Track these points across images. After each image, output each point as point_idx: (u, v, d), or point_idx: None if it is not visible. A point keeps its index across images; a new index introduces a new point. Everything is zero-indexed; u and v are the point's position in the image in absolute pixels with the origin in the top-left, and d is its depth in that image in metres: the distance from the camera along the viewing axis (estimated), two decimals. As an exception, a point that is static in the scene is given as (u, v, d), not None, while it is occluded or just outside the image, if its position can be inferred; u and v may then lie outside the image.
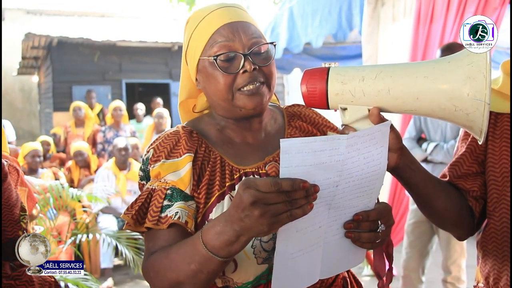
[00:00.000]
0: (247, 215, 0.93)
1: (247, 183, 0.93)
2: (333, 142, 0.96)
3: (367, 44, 4.75)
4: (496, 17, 3.52)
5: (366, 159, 1.04)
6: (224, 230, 0.98)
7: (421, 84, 1.07)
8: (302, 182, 0.92)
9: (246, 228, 0.95)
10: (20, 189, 2.17)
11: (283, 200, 0.92)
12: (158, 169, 1.19)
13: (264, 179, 0.92)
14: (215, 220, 1.03)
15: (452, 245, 3.48)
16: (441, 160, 3.38)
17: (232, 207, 0.96)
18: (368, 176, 1.06)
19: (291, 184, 0.91)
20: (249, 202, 0.92)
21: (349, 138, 0.98)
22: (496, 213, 1.34)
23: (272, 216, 0.92)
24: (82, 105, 7.87)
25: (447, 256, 3.51)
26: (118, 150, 5.53)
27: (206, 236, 1.02)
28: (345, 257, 1.17)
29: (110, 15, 14.75)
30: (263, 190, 0.91)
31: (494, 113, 1.35)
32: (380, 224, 1.13)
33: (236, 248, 1.00)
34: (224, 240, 0.99)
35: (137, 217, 1.18)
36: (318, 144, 0.95)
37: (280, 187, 0.91)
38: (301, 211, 0.94)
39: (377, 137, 1.06)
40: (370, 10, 4.66)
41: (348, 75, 1.12)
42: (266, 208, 0.92)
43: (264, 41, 1.23)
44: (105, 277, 5.02)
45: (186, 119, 1.38)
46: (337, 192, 1.02)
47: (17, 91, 15.51)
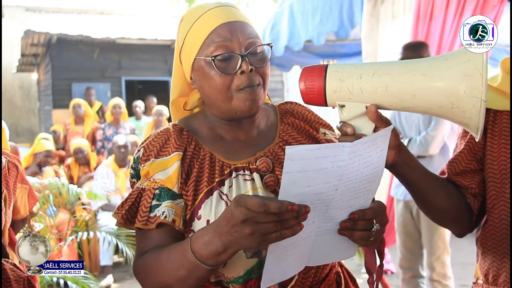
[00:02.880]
0: (237, 230, 0.96)
1: (238, 201, 0.95)
2: (337, 149, 0.97)
3: (366, 41, 4.74)
4: (495, 15, 3.51)
5: (366, 163, 1.04)
6: (213, 241, 1.01)
7: (418, 82, 1.08)
8: (290, 204, 0.93)
9: (234, 242, 0.98)
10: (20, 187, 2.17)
11: (272, 220, 0.94)
12: (147, 168, 1.21)
13: (253, 198, 0.94)
14: (204, 230, 1.05)
15: (434, 241, 3.48)
16: (416, 153, 3.37)
17: (222, 220, 0.99)
18: (367, 178, 1.07)
19: (278, 206, 0.93)
20: (239, 219, 0.94)
21: (353, 145, 0.99)
22: (495, 210, 1.34)
23: (261, 235, 0.95)
24: (82, 102, 7.86)
25: (430, 252, 3.50)
26: (118, 147, 5.53)
27: (195, 245, 1.05)
28: (336, 250, 1.17)
29: (109, 12, 14.73)
30: (253, 209, 0.93)
31: (493, 111, 1.35)
32: (375, 223, 1.13)
33: (223, 258, 1.03)
34: (212, 251, 1.02)
35: (127, 216, 1.19)
36: (322, 151, 0.96)
37: (268, 208, 0.92)
38: (290, 232, 0.96)
39: (379, 142, 1.06)
40: (369, 8, 4.65)
41: (346, 72, 1.13)
42: (256, 226, 0.94)
43: (260, 41, 1.23)
44: (104, 274, 5.02)
45: (177, 116, 1.38)
46: (336, 195, 1.03)
47: (17, 89, 15.50)
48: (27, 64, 13.35)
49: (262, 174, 1.23)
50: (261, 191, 1.20)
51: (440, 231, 3.47)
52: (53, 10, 14.61)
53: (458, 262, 4.98)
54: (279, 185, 1.21)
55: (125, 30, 10.99)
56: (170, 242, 1.15)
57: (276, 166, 1.24)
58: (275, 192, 1.21)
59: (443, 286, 3.49)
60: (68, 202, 4.31)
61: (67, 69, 10.34)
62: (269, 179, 1.22)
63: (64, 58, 10.34)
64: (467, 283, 3.55)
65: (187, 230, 1.18)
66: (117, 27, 11.67)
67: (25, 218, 2.35)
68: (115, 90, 10.61)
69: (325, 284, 1.27)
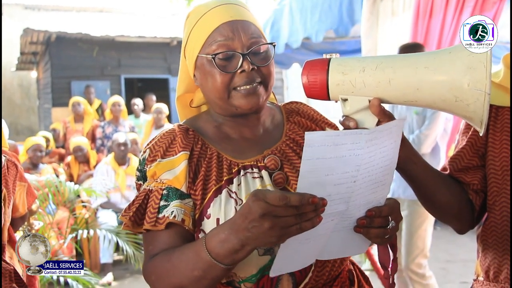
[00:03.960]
0: (255, 226, 0.93)
1: (256, 195, 0.93)
2: (355, 136, 0.97)
3: (366, 38, 4.73)
4: (495, 12, 3.51)
5: (382, 153, 1.04)
6: (229, 238, 0.99)
7: (422, 75, 1.07)
8: (311, 197, 0.92)
9: (253, 238, 0.96)
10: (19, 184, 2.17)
11: (292, 213, 0.92)
12: (154, 169, 1.20)
13: (273, 192, 0.93)
14: (219, 228, 1.03)
15: (414, 241, 3.49)
16: None
17: (239, 217, 0.97)
18: (382, 170, 1.07)
19: (299, 199, 0.91)
20: (258, 214, 0.92)
21: (370, 133, 0.98)
22: (496, 207, 1.34)
23: (281, 229, 0.93)
24: (81, 100, 7.86)
25: (408, 252, 3.51)
26: (117, 145, 5.53)
27: (210, 243, 1.02)
28: (349, 245, 1.17)
29: (108, 10, 14.73)
30: (272, 203, 0.91)
31: (495, 107, 1.35)
32: (391, 220, 1.12)
33: (240, 256, 1.01)
34: (228, 248, 1.00)
35: (135, 218, 1.18)
36: (340, 137, 0.95)
37: (289, 201, 0.91)
38: (310, 224, 0.94)
39: (394, 131, 1.06)
40: (369, 5, 4.64)
41: (349, 65, 1.12)
42: (275, 220, 0.92)
43: (264, 41, 1.22)
44: (105, 272, 5.03)
45: (183, 113, 1.38)
46: (355, 189, 1.02)
47: (16, 87, 15.49)
48: (27, 62, 13.34)
49: (270, 171, 1.22)
50: (271, 188, 1.19)
51: (420, 232, 3.49)
52: (52, 8, 14.60)
53: (458, 259, 5.00)
54: (288, 183, 1.21)
55: (124, 28, 11.00)
56: (180, 243, 1.13)
57: (284, 163, 1.24)
58: (285, 190, 1.20)
59: (423, 286, 3.50)
60: (67, 200, 4.31)
61: (66, 67, 10.33)
62: (278, 176, 1.21)
63: (64, 56, 10.33)
64: (468, 280, 3.55)
65: (197, 230, 1.17)
66: (117, 25, 11.68)
67: (24, 216, 2.35)
68: (114, 88, 10.61)
69: (338, 281, 1.26)
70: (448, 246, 5.08)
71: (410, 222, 3.49)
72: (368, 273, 4.56)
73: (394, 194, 3.50)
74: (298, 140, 1.30)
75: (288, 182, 1.21)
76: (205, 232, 1.14)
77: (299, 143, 1.29)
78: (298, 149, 1.28)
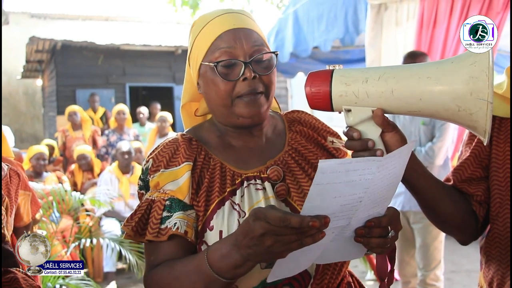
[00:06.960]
0: (256, 244, 0.93)
1: (256, 214, 0.93)
2: (367, 163, 0.96)
3: (370, 48, 4.75)
4: (498, 21, 3.52)
5: (390, 174, 1.04)
6: (231, 254, 0.99)
7: (424, 85, 1.07)
8: (312, 221, 0.90)
9: (254, 255, 0.96)
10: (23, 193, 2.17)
11: (292, 232, 0.92)
12: (157, 179, 1.19)
13: (273, 212, 0.92)
14: (221, 243, 1.03)
15: (430, 253, 3.48)
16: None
17: (240, 233, 0.97)
18: (387, 187, 1.06)
19: (299, 221, 0.90)
20: (259, 233, 0.92)
21: (383, 159, 0.98)
22: (499, 218, 1.33)
23: (282, 245, 0.93)
24: (77, 108, 7.72)
25: (426, 265, 3.50)
26: (121, 153, 5.53)
27: (212, 257, 1.02)
28: (346, 251, 1.16)
29: (114, 19, 14.83)
30: (273, 223, 0.91)
31: (498, 118, 1.34)
32: (390, 230, 1.12)
33: (242, 271, 1.01)
34: (230, 263, 1.00)
35: (137, 228, 1.17)
36: (353, 165, 0.95)
37: (289, 223, 0.90)
38: (312, 239, 0.93)
39: (404, 154, 1.05)
40: (373, 15, 4.66)
41: (352, 76, 1.12)
42: (276, 238, 0.92)
43: (267, 49, 1.23)
44: (108, 281, 5.01)
45: (188, 122, 1.38)
46: (359, 207, 1.02)
47: (21, 95, 15.58)
48: (32, 71, 13.42)
49: (273, 183, 1.22)
50: (273, 200, 1.18)
51: (436, 244, 3.48)
52: (58, 16, 14.71)
53: (463, 269, 4.97)
54: (289, 194, 1.21)
55: (129, 37, 11.06)
56: (182, 254, 1.13)
57: (286, 174, 1.24)
58: (286, 201, 1.21)
59: None
60: (71, 209, 4.31)
61: (71, 75, 10.39)
62: (280, 188, 1.21)
63: (69, 64, 10.39)
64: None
65: (199, 241, 1.16)
66: (122, 33, 11.74)
67: (28, 225, 2.35)
68: (119, 96, 10.65)
69: None
70: (453, 256, 5.06)
71: (425, 235, 3.46)
72: (372, 283, 4.54)
73: (405, 207, 3.47)
74: (300, 150, 1.30)
75: (290, 193, 1.21)
76: (207, 244, 1.13)
77: (302, 153, 1.29)
78: (300, 160, 1.28)
